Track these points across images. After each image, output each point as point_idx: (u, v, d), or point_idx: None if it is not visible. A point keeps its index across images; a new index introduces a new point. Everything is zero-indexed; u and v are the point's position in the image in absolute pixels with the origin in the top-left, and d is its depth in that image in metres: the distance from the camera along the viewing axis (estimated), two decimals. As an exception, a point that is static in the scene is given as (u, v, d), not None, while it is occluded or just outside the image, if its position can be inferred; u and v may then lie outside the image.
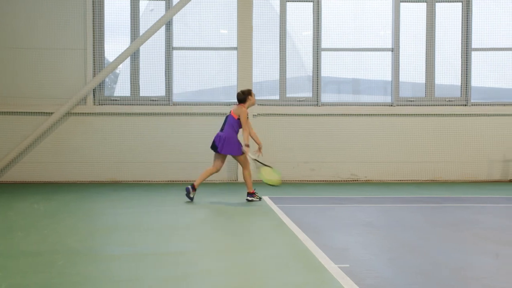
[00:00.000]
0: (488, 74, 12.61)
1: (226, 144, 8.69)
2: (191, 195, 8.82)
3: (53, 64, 11.88)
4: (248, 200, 8.91)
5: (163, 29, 12.02)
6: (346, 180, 12.13)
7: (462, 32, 12.40)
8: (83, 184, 11.48)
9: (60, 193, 9.96)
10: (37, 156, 11.81)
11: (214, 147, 8.78)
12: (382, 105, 12.32)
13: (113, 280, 4.57)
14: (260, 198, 9.02)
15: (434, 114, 12.26)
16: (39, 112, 11.81)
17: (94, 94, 11.96)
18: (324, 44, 12.26)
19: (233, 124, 8.78)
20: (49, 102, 11.84)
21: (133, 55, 12.02)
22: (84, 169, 11.86)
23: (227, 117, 8.90)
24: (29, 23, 11.85)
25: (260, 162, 8.86)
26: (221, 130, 8.83)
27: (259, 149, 8.96)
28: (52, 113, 11.74)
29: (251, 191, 8.93)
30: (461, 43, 12.40)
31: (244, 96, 8.88)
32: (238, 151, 8.74)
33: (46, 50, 11.88)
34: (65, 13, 11.83)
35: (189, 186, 8.85)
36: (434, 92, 12.38)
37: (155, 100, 12.09)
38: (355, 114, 12.18)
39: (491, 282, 4.52)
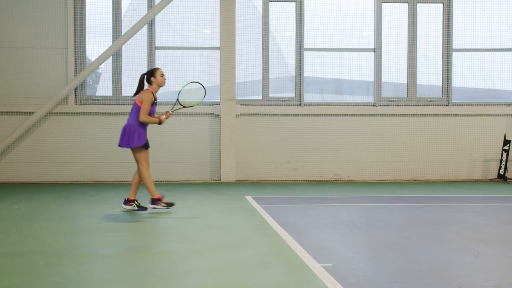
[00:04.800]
0: (468, 75, 12.74)
1: (123, 135, 7.58)
2: (134, 208, 7.79)
3: (34, 63, 11.76)
4: (152, 207, 7.69)
5: (145, 28, 11.97)
6: (329, 180, 12.17)
7: (443, 33, 12.51)
8: (64, 185, 11.38)
9: (41, 194, 9.86)
10: (17, 156, 11.68)
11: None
12: (365, 105, 12.38)
13: (94, 281, 4.54)
14: (169, 205, 7.71)
15: (415, 114, 12.35)
16: (19, 112, 11.69)
17: (75, 93, 11.87)
18: (306, 44, 12.30)
19: (136, 112, 7.59)
20: (30, 101, 11.72)
21: (115, 55, 11.94)
22: (66, 169, 11.75)
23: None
24: (9, 21, 11.72)
25: (177, 105, 8.05)
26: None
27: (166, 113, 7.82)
28: (33, 112, 11.63)
29: (156, 197, 7.68)
30: (442, 44, 12.52)
31: (147, 78, 7.74)
32: (133, 143, 7.53)
33: (27, 49, 11.76)
34: (46, 12, 11.72)
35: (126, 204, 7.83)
36: (416, 92, 12.48)
37: (138, 100, 12.00)
38: (338, 114, 12.23)
39: (471, 280, 4.56)
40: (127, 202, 7.87)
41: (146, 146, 7.64)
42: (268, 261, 5.13)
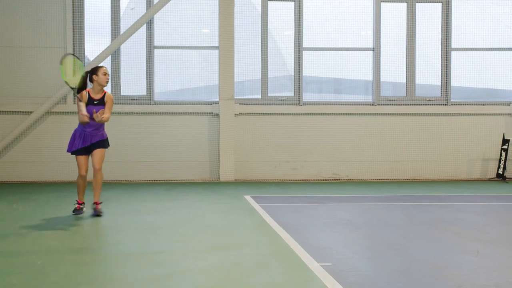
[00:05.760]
0: (467, 74, 12.74)
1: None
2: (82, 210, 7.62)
3: (33, 63, 11.74)
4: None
5: (144, 28, 11.95)
6: (328, 179, 12.16)
7: (442, 32, 12.50)
8: (62, 184, 11.36)
9: (39, 193, 9.84)
10: (16, 155, 11.66)
11: None
12: (364, 105, 12.37)
13: (93, 280, 4.53)
14: (75, 212, 7.50)
15: (414, 114, 12.35)
16: (18, 111, 11.66)
17: (74, 93, 11.82)
18: (305, 43, 12.28)
19: None
20: (28, 101, 11.70)
21: (114, 54, 11.92)
22: (64, 169, 11.71)
23: None
24: (8, 21, 11.69)
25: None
26: None
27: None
28: (31, 112, 11.60)
29: (78, 200, 7.59)
30: (441, 43, 12.51)
31: (89, 76, 7.45)
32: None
33: (26, 48, 11.74)
34: (44, 11, 11.69)
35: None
36: (414, 91, 12.47)
37: (136, 99, 12.01)
38: (337, 114, 12.22)
39: (471, 279, 4.56)
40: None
41: (77, 153, 7.40)
42: (267, 261, 5.13)
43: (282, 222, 6.94)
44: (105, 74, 7.45)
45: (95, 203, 7.51)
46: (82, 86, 7.44)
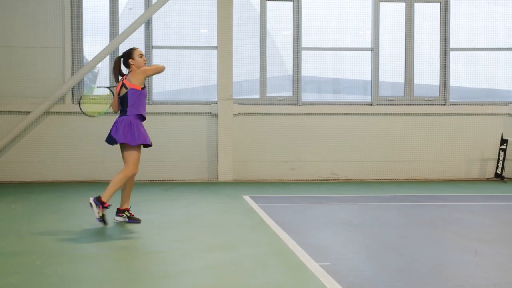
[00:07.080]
0: (466, 74, 12.74)
1: (118, 129, 6.66)
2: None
3: (31, 63, 11.72)
4: (94, 204, 6.58)
5: (142, 27, 11.93)
6: (326, 179, 12.16)
7: (440, 32, 12.51)
8: (61, 184, 11.35)
9: (38, 193, 9.83)
10: (14, 155, 11.64)
11: (111, 139, 6.72)
12: (362, 105, 12.37)
13: (92, 280, 4.52)
14: (102, 219, 6.59)
15: (413, 114, 12.35)
16: (16, 111, 11.64)
17: (72, 93, 11.83)
18: (304, 43, 12.28)
19: (134, 99, 6.68)
20: (26, 101, 11.69)
21: (112, 54, 11.90)
22: (63, 168, 11.71)
23: (124, 96, 6.67)
24: (6, 21, 11.67)
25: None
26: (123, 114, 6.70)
27: None
28: (29, 112, 11.58)
29: (104, 200, 6.61)
30: (440, 43, 12.52)
31: (124, 60, 6.79)
32: (131, 139, 6.64)
33: (24, 48, 11.72)
34: (43, 11, 11.67)
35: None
36: (413, 91, 12.48)
37: (135, 99, 11.97)
38: (335, 114, 12.22)
39: (470, 279, 4.56)
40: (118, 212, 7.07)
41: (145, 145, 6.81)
42: (266, 261, 5.12)
43: (281, 222, 6.93)
44: (142, 55, 6.79)
45: (128, 209, 6.99)
46: (119, 73, 6.84)
